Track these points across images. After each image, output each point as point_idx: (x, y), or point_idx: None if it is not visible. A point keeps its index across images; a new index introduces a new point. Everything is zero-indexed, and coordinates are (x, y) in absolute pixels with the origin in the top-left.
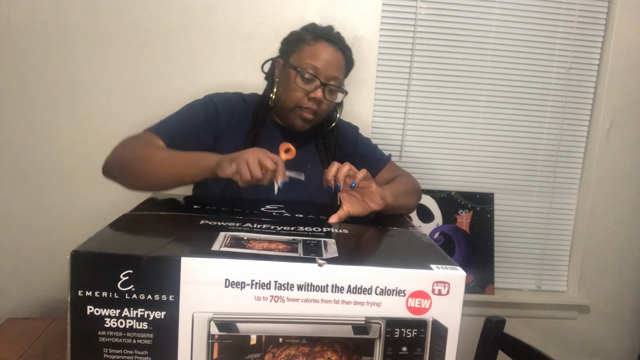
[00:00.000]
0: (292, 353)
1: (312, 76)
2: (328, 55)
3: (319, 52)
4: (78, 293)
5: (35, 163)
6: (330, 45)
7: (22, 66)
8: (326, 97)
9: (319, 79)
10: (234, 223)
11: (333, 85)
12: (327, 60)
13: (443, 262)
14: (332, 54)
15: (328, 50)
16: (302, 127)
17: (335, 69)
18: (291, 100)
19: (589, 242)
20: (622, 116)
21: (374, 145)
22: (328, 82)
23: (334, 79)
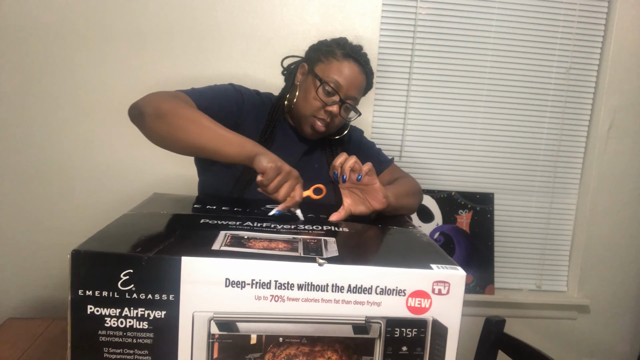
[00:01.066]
0: (292, 352)
1: (334, 91)
2: (353, 75)
3: (345, 70)
4: (78, 292)
5: (35, 163)
6: (357, 65)
7: (23, 66)
8: (341, 113)
9: (339, 95)
10: (234, 222)
11: (350, 104)
12: (351, 79)
13: (443, 261)
14: (357, 74)
15: (354, 70)
16: (311, 136)
17: (356, 89)
18: (309, 108)
19: (589, 242)
20: (622, 116)
21: (377, 148)
22: (347, 99)
23: (352, 98)
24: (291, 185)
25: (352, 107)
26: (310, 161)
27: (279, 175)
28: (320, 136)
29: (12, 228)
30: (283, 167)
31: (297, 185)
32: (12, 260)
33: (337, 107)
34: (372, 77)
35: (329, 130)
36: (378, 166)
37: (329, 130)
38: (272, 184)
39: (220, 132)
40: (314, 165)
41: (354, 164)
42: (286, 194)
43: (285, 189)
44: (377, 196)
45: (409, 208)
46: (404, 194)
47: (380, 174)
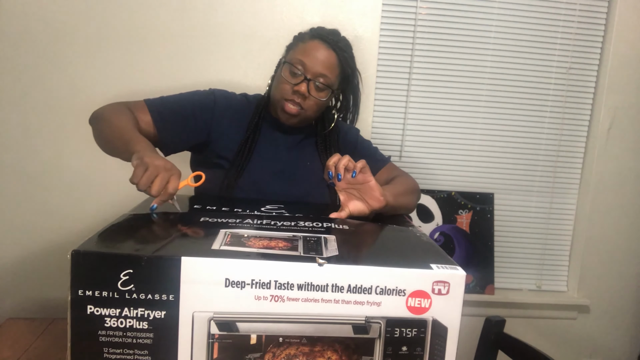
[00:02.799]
0: (292, 352)
1: (299, 70)
2: (318, 52)
3: (310, 49)
4: (78, 293)
5: (35, 163)
6: (323, 43)
7: (23, 66)
8: (311, 92)
9: (305, 74)
10: (234, 219)
11: (320, 82)
12: (316, 57)
13: (443, 261)
14: (323, 51)
15: (319, 47)
16: (287, 120)
17: (324, 66)
18: (278, 92)
19: (589, 242)
20: (622, 116)
21: (374, 147)
22: (315, 78)
23: (321, 76)
24: (163, 179)
25: (325, 85)
26: (303, 159)
27: (147, 171)
28: (299, 121)
29: (12, 228)
30: (151, 162)
31: (170, 177)
32: (12, 260)
33: (305, 86)
34: (345, 55)
35: (305, 113)
36: (374, 165)
37: (305, 114)
38: (142, 180)
39: (122, 133)
40: (307, 163)
41: (348, 162)
42: (159, 188)
43: (156, 184)
44: (375, 195)
45: (408, 207)
46: (402, 192)
47: (377, 173)
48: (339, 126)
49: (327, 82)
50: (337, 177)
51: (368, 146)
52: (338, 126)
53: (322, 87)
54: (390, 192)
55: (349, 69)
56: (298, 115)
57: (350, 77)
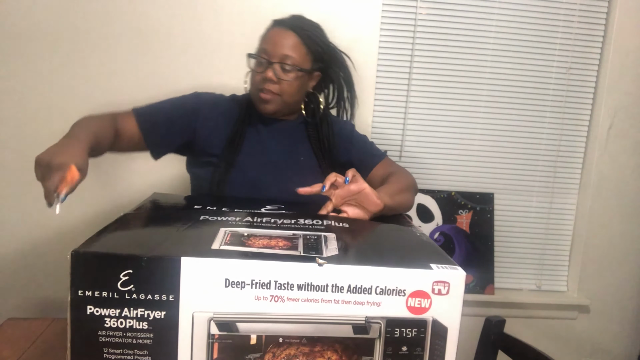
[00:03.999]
0: (292, 353)
1: (264, 58)
2: (277, 36)
3: (270, 36)
4: (78, 293)
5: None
6: (281, 27)
7: (23, 66)
8: (280, 76)
9: (268, 60)
10: (234, 218)
11: (286, 64)
12: (276, 41)
13: (443, 261)
14: (282, 34)
15: (278, 32)
16: (266, 109)
17: (285, 47)
18: (252, 85)
19: (589, 242)
20: (622, 116)
21: (370, 141)
22: (280, 61)
23: (285, 57)
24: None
25: (292, 66)
26: (295, 153)
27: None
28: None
29: (12, 228)
30: (41, 160)
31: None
32: (12, 260)
33: (271, 71)
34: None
35: (283, 98)
36: (371, 160)
37: (282, 99)
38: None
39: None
40: (300, 158)
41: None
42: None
43: (47, 183)
44: (372, 200)
45: (406, 205)
46: (398, 191)
47: (373, 168)
48: (331, 120)
49: (294, 62)
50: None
51: (364, 141)
52: (330, 120)
53: (289, 68)
54: (386, 193)
55: (318, 47)
56: (274, 101)
57: (324, 56)
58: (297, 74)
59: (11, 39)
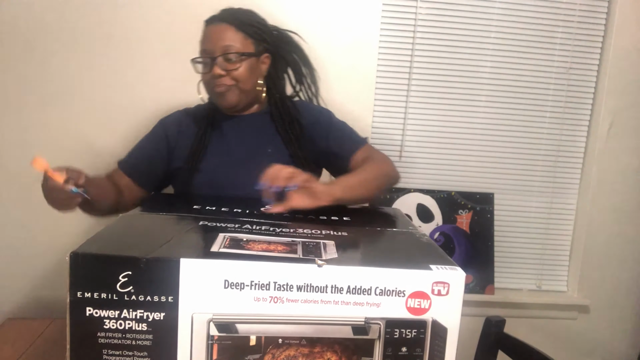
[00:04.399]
0: (291, 354)
1: (206, 58)
2: (212, 32)
3: (205, 35)
4: (77, 294)
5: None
6: (211, 24)
7: (23, 66)
8: (225, 67)
9: (210, 57)
10: (233, 224)
11: (228, 54)
12: (212, 37)
13: (442, 262)
14: (215, 29)
15: (211, 29)
16: (227, 101)
17: (222, 39)
18: (207, 88)
19: (589, 242)
20: (622, 116)
21: (349, 128)
22: (222, 54)
23: (225, 48)
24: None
25: (236, 54)
26: (264, 146)
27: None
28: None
29: (12, 228)
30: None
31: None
32: (12, 260)
33: (217, 67)
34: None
35: (239, 87)
36: (349, 147)
37: (239, 88)
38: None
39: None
40: (267, 150)
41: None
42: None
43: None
44: (322, 195)
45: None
46: (362, 182)
47: (352, 155)
48: (299, 108)
49: (237, 50)
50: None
51: (342, 128)
52: (298, 108)
53: (232, 57)
54: (344, 184)
55: (255, 29)
56: (231, 91)
57: (265, 36)
58: (242, 60)
59: (11, 39)
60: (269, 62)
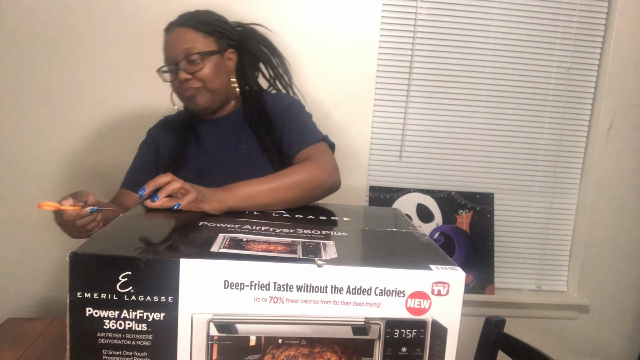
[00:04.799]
0: (291, 354)
1: (170, 66)
2: (170, 39)
3: (165, 43)
4: (77, 295)
5: (34, 163)
6: (168, 32)
7: (23, 65)
8: (190, 70)
9: (173, 64)
10: (232, 225)
11: (190, 56)
12: (171, 43)
13: (442, 262)
14: (173, 35)
15: (169, 36)
16: (198, 104)
17: (181, 43)
18: (177, 94)
19: (589, 242)
20: (622, 116)
21: (310, 123)
22: (184, 57)
23: (186, 51)
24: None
25: (199, 55)
26: (239, 144)
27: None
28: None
29: (12, 228)
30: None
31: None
32: (12, 260)
33: (182, 72)
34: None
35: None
36: (298, 144)
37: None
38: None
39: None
40: (241, 146)
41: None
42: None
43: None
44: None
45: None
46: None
47: (297, 154)
48: (268, 99)
49: (198, 50)
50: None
51: (300, 121)
52: (267, 99)
53: (195, 57)
54: (238, 193)
55: (214, 26)
56: (201, 93)
57: (226, 32)
58: (205, 59)
59: (10, 39)
60: (235, 58)
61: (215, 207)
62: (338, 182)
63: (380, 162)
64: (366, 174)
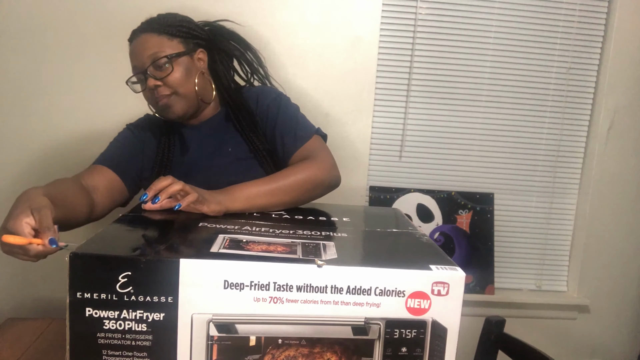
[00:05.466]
0: (291, 354)
1: (138, 75)
2: (135, 47)
3: (130, 53)
4: (77, 295)
5: (34, 163)
6: (132, 40)
7: (23, 64)
8: (158, 76)
9: (140, 73)
10: (232, 226)
11: (156, 62)
12: (136, 51)
13: (442, 262)
14: (137, 43)
15: (132, 46)
16: (173, 113)
17: (146, 49)
18: (152, 106)
19: (589, 242)
20: (622, 116)
21: (300, 117)
22: (151, 64)
23: (151, 57)
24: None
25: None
26: (225, 147)
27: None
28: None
29: None
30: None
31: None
32: (11, 260)
33: (151, 80)
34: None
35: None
36: (292, 143)
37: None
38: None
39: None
40: (228, 149)
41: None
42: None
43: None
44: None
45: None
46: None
47: (295, 151)
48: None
49: (166, 54)
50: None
51: (291, 117)
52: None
53: (161, 62)
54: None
55: (177, 28)
56: (173, 101)
57: (192, 32)
58: (173, 62)
59: (10, 39)
60: (206, 58)
61: (215, 209)
62: (338, 178)
63: (380, 162)
64: (366, 174)
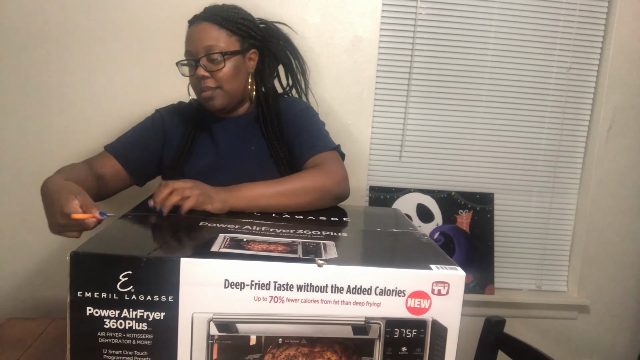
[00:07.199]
0: (291, 353)
1: (190, 60)
2: (193, 33)
3: (187, 37)
4: (77, 294)
5: (34, 163)
6: (193, 25)
7: (24, 65)
8: (209, 69)
9: (193, 59)
10: (233, 225)
11: (211, 55)
12: (194, 38)
13: (442, 262)
14: (197, 29)
15: (193, 29)
16: (213, 106)
17: (204, 39)
18: (193, 90)
19: (589, 242)
20: (622, 116)
21: (323, 132)
22: (205, 54)
23: (207, 48)
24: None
25: (220, 54)
26: (248, 147)
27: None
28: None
29: (12, 228)
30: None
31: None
32: (11, 260)
33: (201, 69)
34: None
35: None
36: (308, 150)
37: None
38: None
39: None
40: (251, 149)
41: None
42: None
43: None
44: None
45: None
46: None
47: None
48: (282, 105)
49: (220, 50)
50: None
51: (310, 129)
52: (281, 105)
53: (216, 57)
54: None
55: (239, 25)
56: (217, 95)
57: (250, 32)
58: (226, 59)
59: (10, 39)
60: (256, 59)
61: (218, 207)
62: (346, 191)
63: (380, 162)
64: (366, 174)
